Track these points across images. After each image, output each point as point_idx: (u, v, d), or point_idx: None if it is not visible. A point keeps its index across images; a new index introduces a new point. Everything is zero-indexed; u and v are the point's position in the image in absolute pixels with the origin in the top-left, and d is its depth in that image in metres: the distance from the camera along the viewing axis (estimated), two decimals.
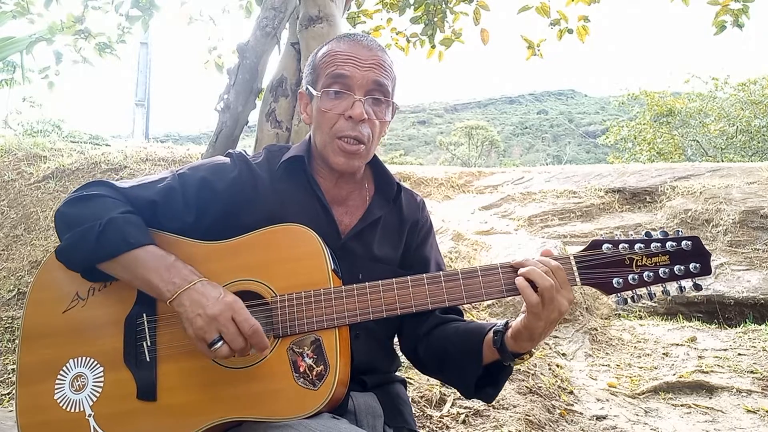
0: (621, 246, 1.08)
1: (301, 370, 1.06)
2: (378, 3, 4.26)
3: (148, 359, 1.12)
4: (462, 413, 2.56)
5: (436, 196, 7.33)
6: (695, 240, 1.08)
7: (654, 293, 1.08)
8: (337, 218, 1.27)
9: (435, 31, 4.22)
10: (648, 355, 3.87)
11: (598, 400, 3.09)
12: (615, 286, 1.07)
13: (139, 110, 10.70)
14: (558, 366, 3.40)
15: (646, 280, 1.07)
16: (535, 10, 4.02)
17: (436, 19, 4.16)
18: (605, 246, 1.08)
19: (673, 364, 3.64)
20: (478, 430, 2.47)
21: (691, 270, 1.06)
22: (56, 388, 1.13)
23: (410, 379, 2.75)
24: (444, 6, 4.11)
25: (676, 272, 1.06)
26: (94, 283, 1.18)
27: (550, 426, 2.65)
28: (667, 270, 1.06)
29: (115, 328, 1.14)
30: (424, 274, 1.12)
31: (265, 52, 3.17)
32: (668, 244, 1.07)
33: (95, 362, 1.14)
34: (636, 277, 1.07)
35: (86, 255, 1.10)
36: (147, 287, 1.09)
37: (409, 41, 4.39)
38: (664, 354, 3.85)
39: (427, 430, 2.46)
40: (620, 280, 1.07)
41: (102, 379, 1.13)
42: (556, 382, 3.15)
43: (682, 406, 3.05)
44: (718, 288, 4.87)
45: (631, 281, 1.07)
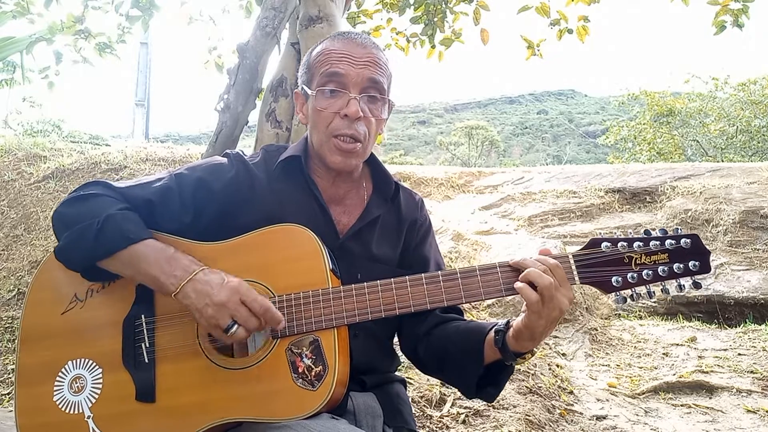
0: (620, 244, 1.07)
1: (300, 370, 1.05)
2: (378, 3, 4.26)
3: (147, 360, 1.12)
4: (462, 413, 2.56)
5: (436, 196, 7.32)
6: (694, 238, 1.07)
7: (653, 292, 1.07)
8: (335, 218, 1.26)
9: (435, 31, 4.23)
10: (648, 355, 3.86)
11: (598, 400, 3.09)
12: (614, 284, 1.06)
13: (139, 110, 10.70)
14: (558, 366, 3.40)
15: (645, 278, 1.06)
16: (535, 10, 4.02)
17: (436, 19, 4.16)
18: (604, 244, 1.08)
19: (673, 364, 3.64)
20: (478, 430, 2.47)
21: (691, 268, 1.05)
22: (55, 389, 1.14)
23: (410, 379, 2.75)
24: (444, 6, 4.11)
25: (676, 270, 1.06)
26: (93, 285, 1.18)
27: (550, 426, 2.64)
28: (666, 268, 1.06)
29: (114, 330, 1.14)
30: (423, 274, 1.12)
31: (265, 52, 3.17)
32: (667, 242, 1.07)
33: (94, 364, 1.14)
34: (635, 276, 1.06)
35: (86, 253, 1.10)
36: (150, 282, 1.09)
37: (409, 41, 4.39)
38: (664, 354, 3.85)
39: (427, 430, 2.46)
40: (619, 279, 1.06)
41: (101, 380, 1.13)
42: (556, 382, 3.14)
43: (682, 406, 3.05)
44: (718, 288, 4.87)
45: (630, 280, 1.06)
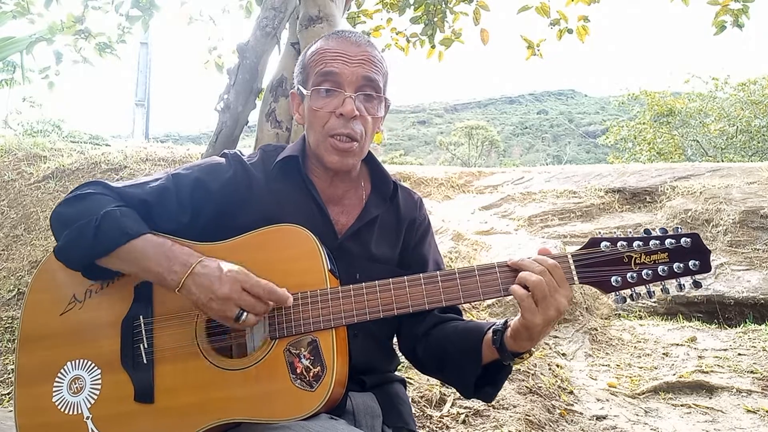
0: (619, 244, 1.06)
1: (298, 371, 1.05)
2: (378, 3, 4.27)
3: (145, 361, 1.12)
4: (462, 413, 2.56)
5: (436, 196, 7.32)
6: (694, 237, 1.06)
7: (653, 291, 1.06)
8: (333, 218, 1.26)
9: (435, 31, 4.23)
10: (648, 355, 3.86)
11: (598, 400, 3.09)
12: (613, 284, 1.05)
13: (139, 110, 10.71)
14: (558, 366, 3.40)
15: (644, 278, 1.05)
16: (535, 10, 4.02)
17: (436, 19, 4.16)
18: (603, 244, 1.07)
19: (673, 364, 3.63)
20: (478, 430, 2.47)
21: (691, 267, 1.04)
22: (54, 390, 1.13)
23: (410, 379, 2.75)
24: (444, 6, 4.12)
25: (675, 270, 1.05)
26: (91, 285, 1.18)
27: (550, 426, 2.64)
28: (666, 268, 1.05)
29: (112, 330, 1.14)
30: (421, 274, 1.11)
31: (265, 52, 3.17)
32: (667, 241, 1.05)
33: (93, 364, 1.14)
34: (634, 276, 1.05)
35: (85, 251, 1.10)
36: (151, 277, 1.10)
37: (409, 41, 4.39)
38: (664, 354, 3.85)
39: (427, 430, 2.46)
40: (618, 279, 1.05)
41: (99, 381, 1.13)
42: (556, 382, 3.14)
43: (682, 406, 3.05)
44: (718, 288, 4.87)
45: (629, 279, 1.05)
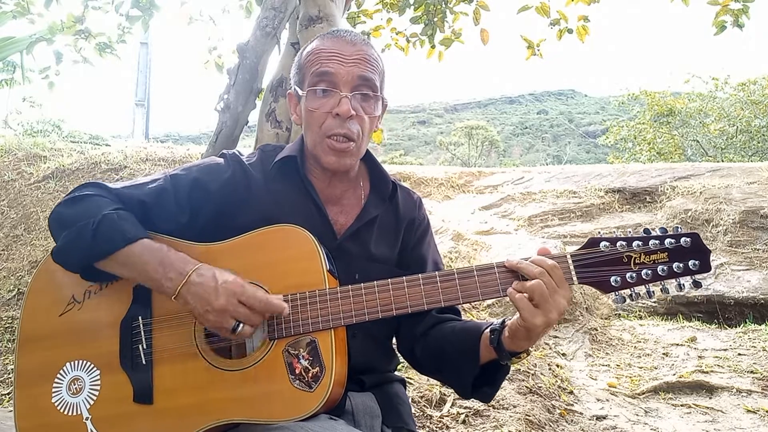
0: (619, 244, 1.06)
1: (297, 371, 1.05)
2: (378, 3, 4.27)
3: (144, 362, 1.12)
4: (462, 413, 2.56)
5: (436, 196, 7.32)
6: (694, 237, 1.05)
7: (652, 291, 1.06)
8: (332, 218, 1.26)
9: (435, 31, 4.23)
10: (648, 355, 3.86)
11: (598, 400, 3.09)
12: (612, 284, 1.05)
13: (139, 110, 10.71)
14: (558, 366, 3.40)
15: (644, 278, 1.05)
16: (535, 10, 4.02)
17: (436, 19, 4.16)
18: (603, 244, 1.06)
19: (673, 364, 3.63)
20: (478, 430, 2.47)
21: (690, 267, 1.04)
22: (54, 391, 1.13)
23: (410, 379, 2.74)
24: (444, 6, 4.12)
25: (675, 270, 1.04)
26: (90, 286, 1.17)
27: (550, 426, 2.64)
28: (665, 267, 1.04)
29: (111, 331, 1.14)
30: (420, 274, 1.11)
31: (265, 52, 3.18)
32: (667, 241, 1.05)
33: (92, 365, 1.14)
34: (634, 276, 1.05)
35: (83, 254, 1.10)
36: (148, 283, 1.10)
37: (409, 41, 4.39)
38: (664, 354, 3.85)
39: (427, 430, 2.46)
40: (618, 279, 1.05)
41: (99, 382, 1.13)
42: (556, 382, 3.14)
43: (682, 406, 3.05)
44: (718, 288, 4.86)
45: (628, 279, 1.05)
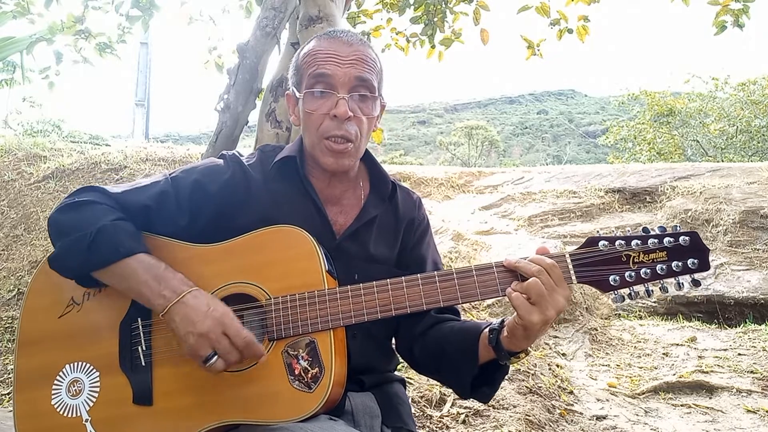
0: (617, 243, 1.06)
1: (297, 372, 1.05)
2: (378, 3, 4.27)
3: (144, 363, 1.11)
4: (462, 413, 2.56)
5: (436, 196, 7.32)
6: (693, 235, 1.05)
7: (651, 290, 1.06)
8: (332, 218, 1.25)
9: (435, 31, 4.23)
10: (648, 355, 3.86)
11: (598, 400, 3.09)
12: (611, 283, 1.05)
13: (139, 110, 10.71)
14: (558, 366, 3.40)
15: (643, 277, 1.05)
16: (535, 10, 4.02)
17: (436, 19, 4.16)
18: (601, 243, 1.06)
19: (673, 364, 3.63)
20: (478, 430, 2.47)
21: (689, 266, 1.04)
22: (53, 393, 1.13)
23: (410, 379, 2.74)
24: (444, 6, 4.12)
25: (674, 268, 1.04)
26: (89, 288, 1.17)
27: (550, 426, 2.64)
28: (664, 266, 1.04)
29: (111, 333, 1.14)
30: (419, 274, 1.11)
31: (265, 52, 3.18)
32: (666, 240, 1.05)
33: (91, 367, 1.13)
34: (633, 274, 1.05)
35: (78, 264, 1.09)
36: (140, 298, 1.09)
37: (409, 41, 4.39)
38: (664, 354, 3.85)
39: (427, 430, 2.46)
40: (616, 278, 1.05)
41: (98, 384, 1.12)
42: (556, 382, 3.14)
43: (682, 406, 3.05)
44: (718, 288, 4.86)
45: (627, 278, 1.05)
